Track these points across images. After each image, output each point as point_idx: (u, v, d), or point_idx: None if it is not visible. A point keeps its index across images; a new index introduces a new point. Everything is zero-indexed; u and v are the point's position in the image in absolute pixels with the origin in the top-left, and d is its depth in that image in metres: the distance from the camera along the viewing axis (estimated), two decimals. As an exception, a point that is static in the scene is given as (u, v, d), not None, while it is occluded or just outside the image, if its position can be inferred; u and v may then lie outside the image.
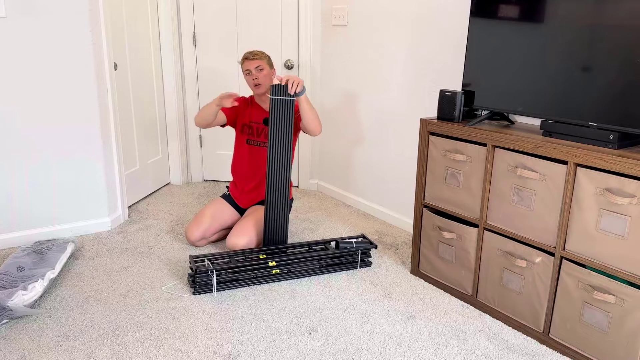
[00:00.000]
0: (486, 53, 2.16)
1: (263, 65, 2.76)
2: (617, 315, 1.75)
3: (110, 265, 2.60)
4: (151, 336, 2.02)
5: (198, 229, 2.75)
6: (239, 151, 2.92)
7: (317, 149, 3.84)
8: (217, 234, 2.85)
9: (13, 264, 2.35)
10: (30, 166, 2.76)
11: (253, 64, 2.75)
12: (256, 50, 2.81)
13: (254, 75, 2.76)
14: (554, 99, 1.94)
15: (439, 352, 1.95)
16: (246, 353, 1.92)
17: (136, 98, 3.41)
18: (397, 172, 3.16)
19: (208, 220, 2.78)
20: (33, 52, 2.64)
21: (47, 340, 1.98)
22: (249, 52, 2.81)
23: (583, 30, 1.82)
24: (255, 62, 2.75)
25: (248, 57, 2.77)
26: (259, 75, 2.76)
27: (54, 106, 2.76)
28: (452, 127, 2.22)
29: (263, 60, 2.77)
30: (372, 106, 3.26)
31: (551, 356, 1.94)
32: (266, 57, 2.79)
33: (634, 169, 1.63)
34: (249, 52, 2.80)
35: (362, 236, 2.67)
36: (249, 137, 2.89)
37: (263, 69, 2.76)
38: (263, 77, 2.77)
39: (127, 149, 3.33)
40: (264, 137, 2.87)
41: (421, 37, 2.83)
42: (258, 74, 2.76)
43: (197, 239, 2.75)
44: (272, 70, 2.83)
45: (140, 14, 3.40)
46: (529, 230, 2.00)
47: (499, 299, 2.16)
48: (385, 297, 2.34)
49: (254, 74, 2.76)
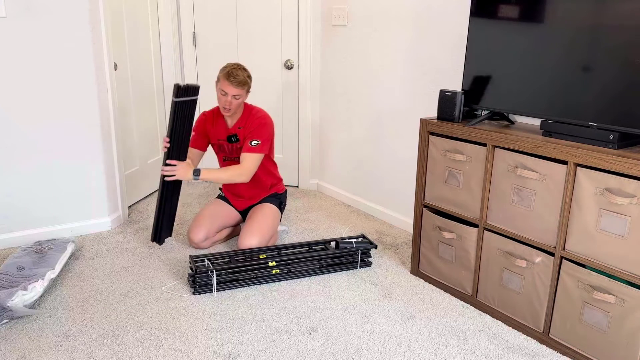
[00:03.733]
0: (486, 53, 2.16)
1: (241, 94, 2.57)
2: (617, 315, 1.75)
3: (110, 265, 2.60)
4: (151, 336, 2.02)
5: (201, 230, 2.73)
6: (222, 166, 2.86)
7: (317, 149, 3.84)
8: (219, 233, 2.84)
9: (13, 264, 2.35)
10: (30, 166, 2.76)
11: (233, 91, 2.54)
12: (242, 74, 2.55)
13: (228, 101, 2.56)
14: (554, 99, 1.94)
15: (439, 352, 1.95)
16: (246, 353, 1.92)
17: (136, 98, 3.41)
18: (397, 172, 3.16)
19: (209, 220, 2.77)
20: (33, 52, 2.64)
21: (47, 340, 1.98)
22: (234, 73, 2.53)
23: (583, 30, 1.82)
24: (236, 90, 2.54)
25: (231, 81, 2.52)
26: (233, 102, 2.57)
27: (54, 106, 2.76)
28: (452, 127, 2.22)
29: (243, 89, 2.56)
30: (372, 106, 3.26)
31: (551, 356, 1.94)
32: (247, 85, 2.58)
33: (634, 169, 1.63)
34: (234, 75, 2.52)
35: (362, 236, 2.67)
36: (222, 154, 2.81)
37: (239, 98, 2.58)
38: (236, 105, 2.60)
39: (127, 149, 3.33)
40: (236, 154, 2.76)
41: (421, 37, 2.83)
42: (233, 100, 2.57)
43: (202, 239, 2.73)
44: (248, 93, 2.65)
45: (140, 14, 3.40)
46: (529, 230, 2.00)
47: (499, 299, 2.16)
48: (385, 297, 2.34)
49: (229, 99, 2.56)
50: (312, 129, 3.79)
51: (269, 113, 3.80)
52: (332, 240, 2.66)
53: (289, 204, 3.57)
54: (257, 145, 2.63)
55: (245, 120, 2.71)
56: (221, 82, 2.55)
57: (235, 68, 2.55)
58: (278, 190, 2.93)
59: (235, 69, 2.54)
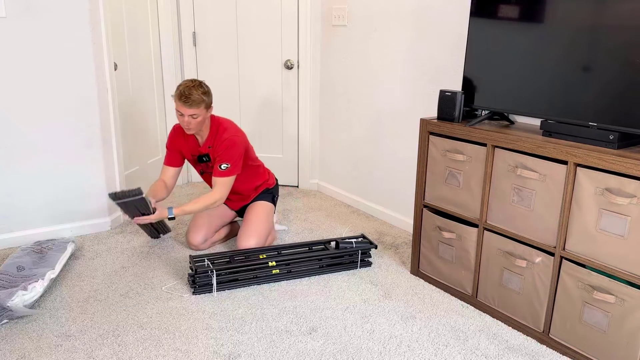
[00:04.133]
0: (486, 53, 2.16)
1: (199, 113, 2.43)
2: (617, 315, 1.75)
3: (110, 265, 2.60)
4: (151, 336, 2.02)
5: (199, 232, 2.72)
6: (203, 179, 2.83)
7: (317, 149, 3.84)
8: (217, 233, 2.84)
9: (13, 264, 2.35)
10: (30, 166, 2.76)
11: (188, 111, 2.41)
12: (195, 93, 2.38)
13: (186, 121, 2.44)
14: (553, 99, 1.94)
15: (439, 352, 1.95)
16: (246, 353, 1.92)
17: (136, 98, 3.41)
18: (397, 172, 3.16)
19: (207, 221, 2.76)
20: (33, 52, 2.64)
21: (47, 340, 1.98)
22: (187, 93, 2.37)
23: (583, 30, 1.82)
24: (191, 110, 2.40)
25: (184, 101, 2.38)
26: (191, 122, 2.44)
27: (54, 106, 2.76)
28: (452, 127, 2.22)
29: (200, 107, 2.42)
30: (372, 106, 3.26)
31: (551, 356, 1.94)
32: (204, 102, 2.43)
33: (634, 169, 1.63)
34: (186, 95, 2.37)
35: (362, 236, 2.67)
36: (201, 168, 2.74)
37: (198, 117, 2.44)
38: (196, 125, 2.47)
39: (127, 149, 3.33)
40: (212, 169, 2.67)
41: (421, 37, 2.83)
42: (191, 120, 2.43)
43: (201, 241, 2.73)
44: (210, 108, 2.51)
45: (140, 14, 3.40)
46: (529, 230, 2.00)
47: (499, 299, 2.16)
48: (385, 297, 2.34)
49: (186, 119, 2.43)
50: (312, 129, 3.79)
51: (269, 113, 3.80)
52: (332, 240, 2.66)
53: (289, 203, 3.57)
54: (227, 169, 2.53)
55: (213, 139, 2.59)
56: (175, 102, 2.42)
57: (188, 87, 2.39)
58: (268, 185, 2.90)
59: (188, 88, 2.39)
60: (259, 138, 3.89)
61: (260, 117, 3.84)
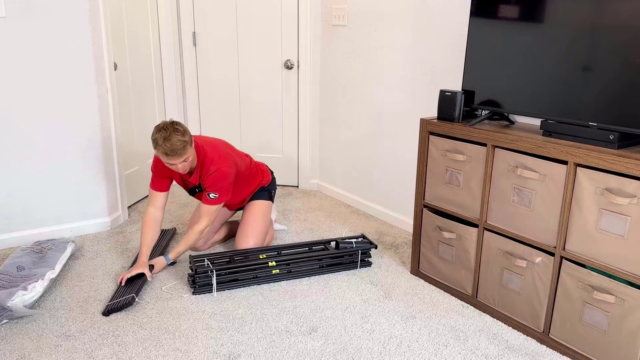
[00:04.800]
0: (486, 53, 2.16)
1: (188, 155, 2.31)
2: (617, 315, 1.75)
3: (110, 265, 2.60)
4: (151, 336, 2.02)
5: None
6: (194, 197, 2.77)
7: (317, 149, 3.84)
8: (217, 233, 2.84)
9: (13, 264, 2.35)
10: (30, 166, 2.76)
11: (178, 161, 2.29)
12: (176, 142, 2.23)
13: (181, 167, 2.34)
14: (554, 99, 1.94)
15: (439, 352, 1.95)
16: (246, 353, 1.92)
17: (136, 98, 3.41)
18: (397, 172, 3.16)
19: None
20: (33, 52, 2.64)
21: (47, 340, 1.98)
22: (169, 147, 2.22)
23: (583, 30, 1.82)
24: (181, 158, 2.28)
25: (171, 155, 2.25)
26: (185, 166, 2.35)
27: (54, 106, 2.76)
28: (452, 127, 2.22)
29: (186, 151, 2.29)
30: (372, 106, 3.26)
31: (551, 356, 1.94)
32: (187, 143, 2.27)
33: (634, 169, 1.63)
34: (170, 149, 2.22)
35: (362, 236, 2.67)
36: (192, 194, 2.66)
37: (189, 158, 2.33)
38: (189, 164, 2.39)
39: (127, 149, 3.33)
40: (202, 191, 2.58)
41: (421, 37, 2.83)
42: (185, 164, 2.34)
43: (201, 242, 2.73)
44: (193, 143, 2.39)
45: (140, 14, 3.40)
46: (529, 230, 2.00)
47: (499, 299, 2.16)
48: (385, 297, 2.34)
49: (180, 167, 2.33)
50: (312, 129, 3.79)
51: (269, 113, 3.80)
52: (332, 240, 2.66)
53: (289, 203, 3.57)
54: (216, 198, 2.47)
55: (201, 170, 2.49)
56: (160, 156, 2.28)
57: (166, 138, 2.23)
58: (263, 184, 2.86)
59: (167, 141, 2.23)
60: (258, 138, 3.89)
61: (260, 117, 3.84)
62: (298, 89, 3.71)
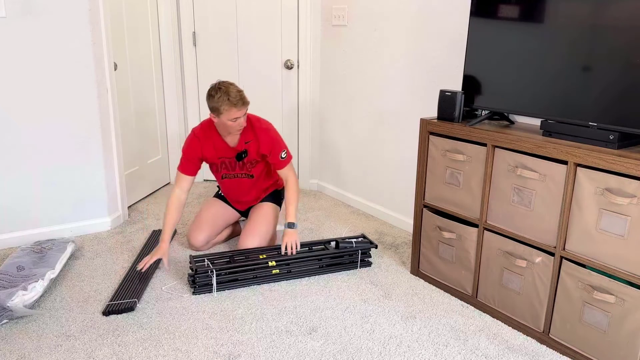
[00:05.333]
0: (486, 53, 2.16)
1: (247, 109, 2.43)
2: (617, 315, 1.75)
3: (110, 265, 2.60)
4: (151, 336, 2.02)
5: (202, 234, 2.70)
6: (220, 183, 2.79)
7: (317, 149, 3.84)
8: (220, 234, 2.84)
9: (13, 264, 2.35)
10: (30, 166, 2.76)
11: (241, 113, 2.38)
12: (239, 90, 2.36)
13: (241, 122, 2.42)
14: (554, 99, 1.94)
15: (439, 352, 1.95)
16: (246, 353, 1.92)
17: (136, 98, 3.41)
18: (397, 172, 3.16)
19: (210, 223, 2.74)
20: (33, 52, 2.64)
21: (47, 340, 1.98)
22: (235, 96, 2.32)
23: (583, 31, 1.82)
24: (244, 109, 2.38)
25: (239, 106, 2.35)
26: (244, 121, 2.45)
27: (54, 106, 2.76)
28: (452, 127, 2.22)
29: (247, 105, 2.41)
30: (372, 106, 3.26)
31: (551, 356, 1.94)
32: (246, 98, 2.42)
33: (634, 169, 1.63)
34: (236, 98, 2.33)
35: (362, 236, 2.67)
36: (224, 172, 2.69)
37: (246, 113, 2.46)
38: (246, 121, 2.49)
39: (127, 149, 3.33)
40: (239, 169, 2.66)
41: (421, 37, 2.83)
42: (244, 120, 2.44)
43: (202, 243, 2.71)
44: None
45: (140, 14, 3.40)
46: (529, 230, 2.00)
47: (499, 299, 2.16)
48: (385, 297, 2.34)
49: (241, 121, 2.42)
50: (312, 129, 3.79)
51: (269, 113, 3.80)
52: (332, 240, 2.66)
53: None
54: (287, 154, 2.64)
55: (250, 133, 2.57)
56: (226, 112, 2.35)
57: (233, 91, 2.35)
58: (277, 187, 2.91)
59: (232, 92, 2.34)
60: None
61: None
62: (298, 89, 3.71)
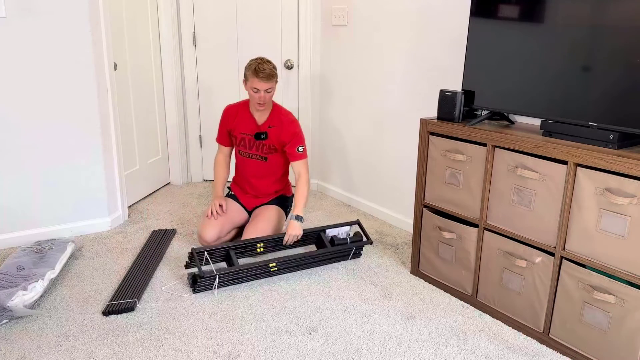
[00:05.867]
0: (486, 53, 2.16)
1: (273, 87, 2.59)
2: (617, 315, 1.75)
3: (110, 265, 2.60)
4: (151, 336, 2.02)
5: (214, 229, 2.70)
6: (236, 158, 2.90)
7: (317, 149, 3.84)
8: (230, 232, 2.84)
9: (13, 264, 2.35)
10: (30, 166, 2.76)
11: (264, 86, 2.55)
12: (268, 67, 2.53)
13: (262, 96, 2.58)
14: (554, 99, 1.94)
15: (439, 352, 1.95)
16: (246, 353, 1.92)
17: (136, 98, 3.41)
18: (397, 172, 3.16)
19: (221, 219, 2.74)
20: (33, 52, 2.64)
21: (47, 340, 1.98)
22: (262, 68, 2.52)
23: (583, 31, 1.82)
24: (267, 84, 2.55)
25: (261, 77, 2.52)
26: (266, 97, 2.59)
27: (54, 106, 2.76)
28: (452, 127, 2.22)
29: (274, 81, 2.57)
30: (372, 106, 3.26)
31: (551, 356, 1.94)
32: (276, 76, 2.59)
33: (634, 169, 1.63)
34: (262, 70, 2.51)
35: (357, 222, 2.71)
36: (241, 148, 2.81)
37: (272, 91, 2.60)
38: (270, 98, 2.63)
39: (127, 149, 3.33)
40: (255, 150, 2.77)
41: (421, 37, 2.83)
42: (266, 95, 2.59)
43: (214, 238, 2.70)
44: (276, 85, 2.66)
45: (140, 14, 3.40)
46: (529, 230, 2.00)
47: (499, 299, 2.16)
48: (385, 297, 2.34)
49: (262, 94, 2.57)
50: (312, 129, 3.79)
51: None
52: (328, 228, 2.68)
53: (289, 204, 3.57)
54: (304, 150, 2.73)
55: (276, 120, 2.72)
56: (250, 80, 2.55)
57: (261, 63, 2.54)
58: (286, 193, 2.97)
59: (261, 64, 2.54)
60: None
61: (260, 117, 3.84)
62: (298, 89, 3.71)
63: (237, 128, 2.78)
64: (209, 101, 3.86)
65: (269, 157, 2.79)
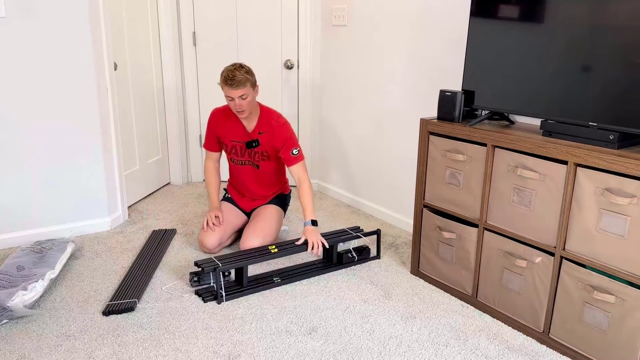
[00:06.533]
0: (486, 53, 2.16)
1: (247, 93, 2.48)
2: (617, 315, 1.75)
3: (110, 265, 2.60)
4: (151, 336, 2.02)
5: (214, 236, 2.67)
6: (229, 163, 2.85)
7: (317, 148, 3.84)
8: (230, 237, 2.83)
9: (13, 264, 2.35)
10: (30, 166, 2.76)
11: (236, 93, 2.46)
12: (239, 74, 2.43)
13: (237, 104, 2.49)
14: (554, 99, 1.94)
15: (439, 352, 1.95)
16: (246, 353, 1.92)
17: (136, 98, 3.41)
18: (397, 172, 3.16)
19: (222, 226, 2.72)
20: (33, 52, 2.64)
21: (47, 340, 1.98)
22: (230, 76, 2.43)
23: (583, 31, 1.82)
24: (239, 91, 2.45)
25: (230, 84, 2.44)
26: (242, 104, 2.49)
27: (54, 106, 2.76)
28: (452, 127, 2.22)
29: (246, 87, 2.46)
30: (372, 106, 3.26)
31: (551, 356, 1.94)
32: (250, 81, 2.47)
33: (634, 169, 1.63)
34: (230, 78, 2.42)
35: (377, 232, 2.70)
36: (232, 156, 2.76)
37: (247, 97, 2.49)
38: (247, 104, 2.52)
39: (127, 149, 3.33)
40: (248, 157, 2.73)
41: (421, 37, 2.83)
42: (242, 102, 2.49)
43: (215, 246, 2.68)
44: (256, 87, 2.57)
45: (140, 14, 3.40)
46: (529, 230, 2.00)
47: (499, 299, 2.16)
48: (385, 297, 2.34)
49: (237, 102, 2.48)
50: (312, 129, 3.79)
51: (269, 113, 3.81)
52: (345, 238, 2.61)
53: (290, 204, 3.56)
54: (299, 152, 2.66)
55: (266, 125, 2.65)
56: (223, 89, 2.49)
57: (231, 70, 2.45)
58: (284, 191, 2.94)
59: (231, 71, 2.45)
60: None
61: (260, 117, 3.84)
62: (298, 89, 3.71)
63: (227, 135, 2.71)
64: (209, 101, 3.86)
65: (260, 165, 2.73)
